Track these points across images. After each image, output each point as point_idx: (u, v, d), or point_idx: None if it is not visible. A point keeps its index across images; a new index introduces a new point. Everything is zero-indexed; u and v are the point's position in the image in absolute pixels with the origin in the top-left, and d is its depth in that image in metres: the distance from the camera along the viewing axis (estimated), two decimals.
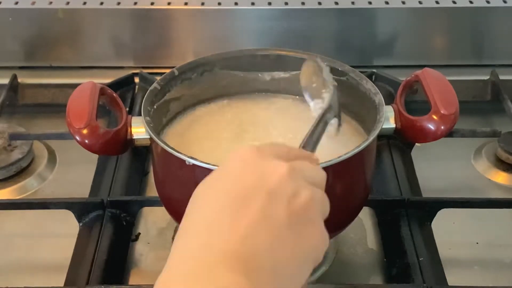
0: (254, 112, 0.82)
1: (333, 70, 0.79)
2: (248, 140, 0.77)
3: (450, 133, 0.90)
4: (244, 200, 0.46)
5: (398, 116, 0.77)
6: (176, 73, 0.78)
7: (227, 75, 0.81)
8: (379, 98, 0.74)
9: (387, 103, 0.75)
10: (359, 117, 0.79)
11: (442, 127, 0.76)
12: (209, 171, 0.64)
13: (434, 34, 1.09)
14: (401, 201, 0.83)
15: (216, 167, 0.64)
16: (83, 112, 0.71)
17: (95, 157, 0.90)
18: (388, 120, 0.76)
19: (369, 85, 0.76)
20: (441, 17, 1.08)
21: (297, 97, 0.82)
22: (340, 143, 0.75)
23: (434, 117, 0.75)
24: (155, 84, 0.76)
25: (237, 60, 0.82)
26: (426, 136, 0.76)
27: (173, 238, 0.83)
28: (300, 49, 0.82)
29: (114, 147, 0.72)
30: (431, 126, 0.76)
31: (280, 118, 0.81)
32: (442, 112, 0.75)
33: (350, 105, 0.79)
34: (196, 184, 0.68)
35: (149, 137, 0.71)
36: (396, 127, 0.77)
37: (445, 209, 0.82)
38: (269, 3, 1.07)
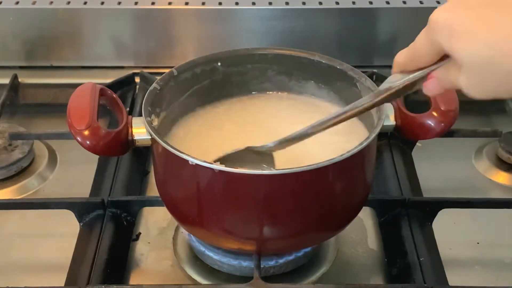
0: (252, 111, 0.82)
1: (332, 69, 0.80)
2: (247, 138, 0.76)
3: (451, 133, 0.91)
4: None
5: (398, 113, 0.77)
6: (175, 73, 0.78)
7: (227, 74, 0.82)
8: None
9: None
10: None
11: (443, 124, 0.75)
12: (212, 170, 0.65)
13: None
14: (401, 201, 0.83)
15: (220, 167, 0.65)
16: (84, 113, 0.71)
17: (95, 157, 0.90)
18: (388, 117, 0.76)
19: (368, 83, 0.76)
20: None
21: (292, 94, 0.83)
22: (341, 141, 0.75)
23: (434, 113, 0.75)
24: (154, 85, 0.76)
25: (236, 59, 0.82)
26: (426, 133, 0.76)
27: (173, 238, 0.83)
28: (301, 49, 0.82)
29: (116, 148, 0.72)
30: (431, 123, 0.75)
31: (281, 116, 0.81)
32: (442, 108, 0.75)
33: (350, 102, 0.79)
34: (198, 183, 0.68)
35: (150, 137, 0.71)
36: (396, 124, 0.77)
37: (446, 209, 0.82)
38: (270, 3, 1.07)
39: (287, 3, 1.08)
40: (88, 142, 0.71)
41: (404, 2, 1.07)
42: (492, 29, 0.52)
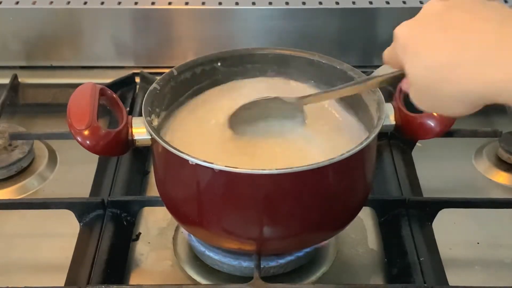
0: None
1: (332, 69, 0.80)
2: (246, 138, 0.76)
3: (451, 133, 0.91)
4: None
5: (398, 113, 0.77)
6: (175, 73, 0.78)
7: (227, 74, 0.82)
8: (378, 95, 0.74)
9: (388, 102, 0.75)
10: (358, 115, 0.79)
11: (443, 124, 0.76)
12: (212, 170, 0.65)
13: None
14: (401, 201, 0.83)
15: (220, 166, 0.65)
16: (84, 113, 0.71)
17: (95, 157, 0.90)
18: (388, 117, 0.76)
19: None
20: None
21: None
22: (340, 141, 0.75)
23: (434, 113, 0.75)
24: (154, 85, 0.76)
25: (236, 59, 0.82)
26: (426, 133, 0.76)
27: (173, 238, 0.83)
28: (301, 49, 0.82)
29: (116, 148, 0.72)
30: (431, 123, 0.76)
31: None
32: None
33: (350, 102, 0.79)
34: (198, 183, 0.68)
35: (150, 137, 0.71)
36: (396, 124, 0.77)
37: (445, 209, 0.82)
38: (270, 3, 1.08)
39: (287, 3, 1.08)
40: (88, 142, 0.71)
41: (404, 2, 1.07)
42: (437, 54, 0.54)
